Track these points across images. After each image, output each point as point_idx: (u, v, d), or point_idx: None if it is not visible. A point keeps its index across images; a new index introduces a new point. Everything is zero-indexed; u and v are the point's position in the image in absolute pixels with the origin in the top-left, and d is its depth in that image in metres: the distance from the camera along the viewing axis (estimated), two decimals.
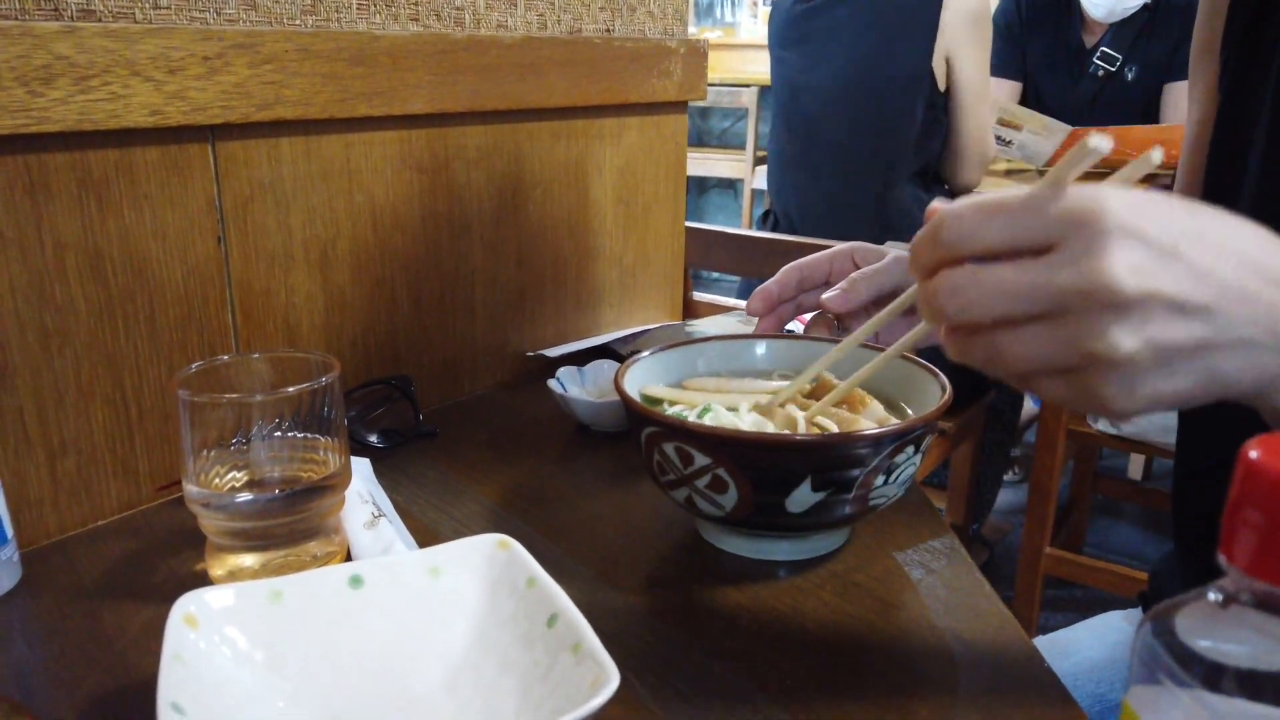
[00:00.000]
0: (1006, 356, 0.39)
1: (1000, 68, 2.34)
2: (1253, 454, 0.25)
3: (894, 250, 0.70)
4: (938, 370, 0.62)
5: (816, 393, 0.65)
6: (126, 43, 0.60)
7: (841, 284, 0.67)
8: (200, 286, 0.69)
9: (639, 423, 0.59)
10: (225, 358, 0.58)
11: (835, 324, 0.71)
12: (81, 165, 0.61)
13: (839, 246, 0.72)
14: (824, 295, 0.67)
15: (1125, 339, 0.36)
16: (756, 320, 0.73)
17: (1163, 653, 0.28)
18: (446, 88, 0.80)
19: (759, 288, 0.72)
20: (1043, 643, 0.86)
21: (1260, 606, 0.26)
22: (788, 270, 0.71)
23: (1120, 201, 0.37)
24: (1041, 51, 2.41)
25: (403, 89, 0.77)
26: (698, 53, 1.03)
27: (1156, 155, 0.36)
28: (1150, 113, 2.31)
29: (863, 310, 0.69)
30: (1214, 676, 0.27)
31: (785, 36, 1.95)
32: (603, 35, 0.95)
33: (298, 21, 0.71)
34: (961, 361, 0.44)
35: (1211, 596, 0.28)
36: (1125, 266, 0.36)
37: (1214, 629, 0.27)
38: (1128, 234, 0.36)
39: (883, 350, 0.58)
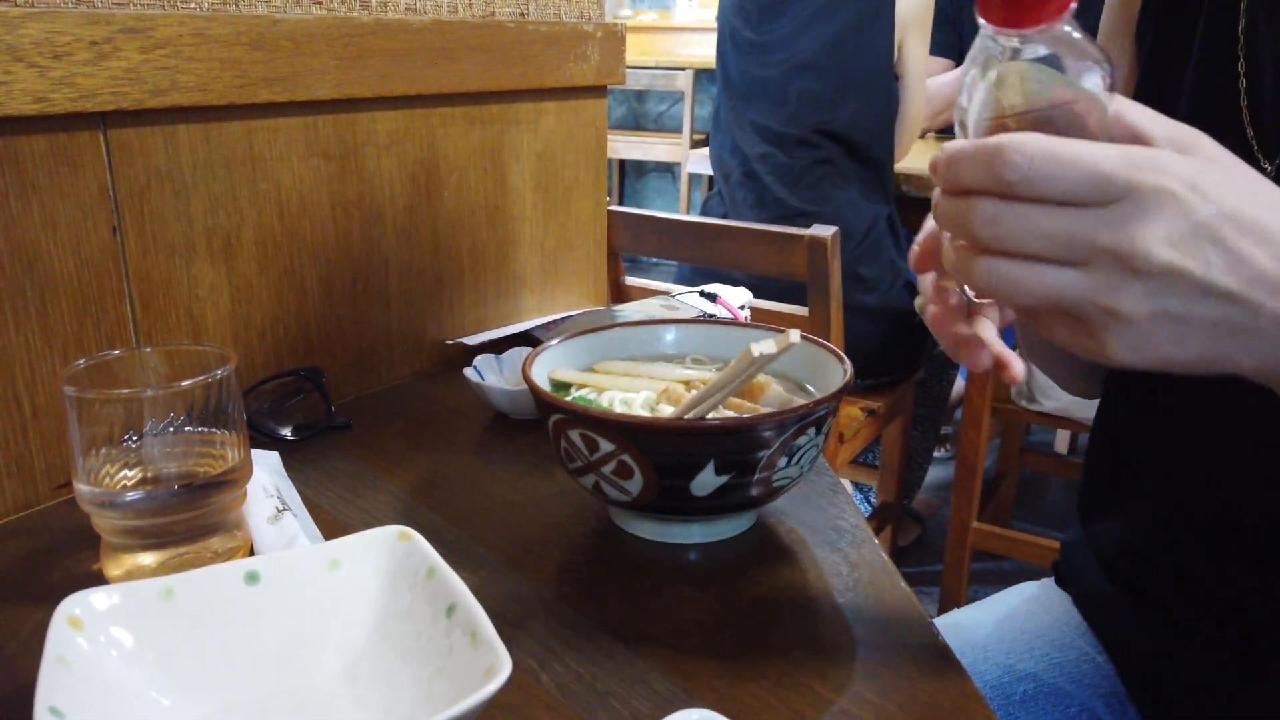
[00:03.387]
0: (1019, 289, 0.40)
1: (937, 48, 2.37)
2: None
3: None
4: (841, 353, 0.63)
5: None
6: (6, 27, 0.58)
7: None
8: (95, 278, 0.67)
9: (545, 410, 0.59)
10: (116, 352, 0.56)
11: None
12: None
13: None
14: None
15: (1142, 304, 0.38)
16: (680, 308, 0.72)
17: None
18: (354, 73, 0.79)
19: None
20: (956, 616, 0.88)
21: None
22: None
23: (1183, 172, 0.38)
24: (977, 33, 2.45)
25: (307, 74, 0.75)
26: (615, 36, 1.03)
27: (794, 336, 0.39)
28: None
29: None
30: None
31: (748, 24, 1.91)
32: (516, 19, 0.94)
33: (192, 5, 0.69)
34: (963, 283, 0.44)
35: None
36: (1161, 237, 0.37)
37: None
38: (1178, 205, 0.37)
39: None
